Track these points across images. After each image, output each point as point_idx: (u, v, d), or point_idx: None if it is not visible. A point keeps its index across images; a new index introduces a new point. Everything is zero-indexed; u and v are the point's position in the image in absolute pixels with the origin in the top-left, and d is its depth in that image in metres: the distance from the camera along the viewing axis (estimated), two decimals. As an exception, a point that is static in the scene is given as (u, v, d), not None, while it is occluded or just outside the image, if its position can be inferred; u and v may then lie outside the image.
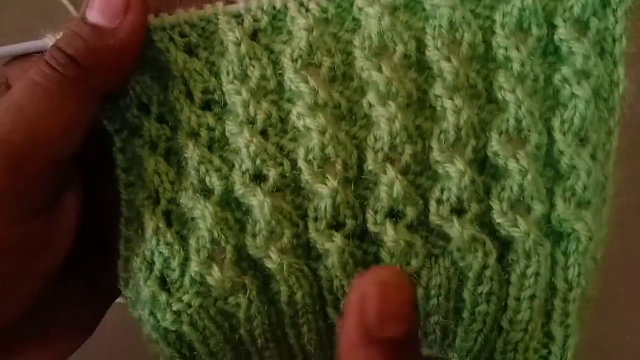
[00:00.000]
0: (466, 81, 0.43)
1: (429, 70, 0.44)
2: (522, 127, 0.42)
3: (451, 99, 0.42)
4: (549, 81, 0.44)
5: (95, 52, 0.42)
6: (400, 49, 0.44)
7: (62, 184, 0.46)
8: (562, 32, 0.43)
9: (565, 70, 0.43)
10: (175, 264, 0.44)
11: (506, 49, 0.43)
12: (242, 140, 0.44)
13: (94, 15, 0.42)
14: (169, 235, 0.44)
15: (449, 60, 0.43)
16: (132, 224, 0.46)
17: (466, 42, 0.43)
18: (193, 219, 0.45)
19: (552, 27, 0.44)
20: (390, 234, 0.42)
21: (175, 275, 0.44)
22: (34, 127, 0.42)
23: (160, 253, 0.44)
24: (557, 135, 0.42)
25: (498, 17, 0.44)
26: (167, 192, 0.45)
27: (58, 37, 0.44)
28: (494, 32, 0.44)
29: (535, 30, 0.43)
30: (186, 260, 0.44)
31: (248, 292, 0.43)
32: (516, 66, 0.43)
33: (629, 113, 0.44)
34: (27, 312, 0.45)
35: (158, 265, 0.44)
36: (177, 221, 0.45)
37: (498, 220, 0.42)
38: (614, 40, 0.43)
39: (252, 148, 0.44)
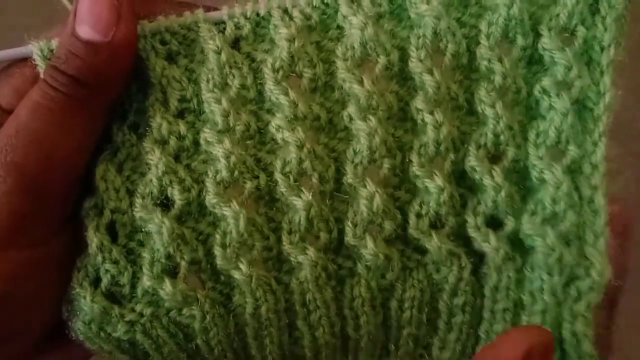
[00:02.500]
0: (447, 94, 0.43)
1: (411, 81, 0.44)
2: (500, 142, 0.42)
3: (431, 113, 0.42)
4: (531, 92, 0.43)
5: (95, 68, 0.42)
6: (382, 60, 0.43)
7: (77, 200, 0.45)
8: (546, 41, 0.42)
9: (545, 81, 0.42)
10: (124, 280, 0.44)
11: (489, 61, 0.42)
12: (221, 149, 0.43)
13: (86, 31, 0.42)
14: (114, 251, 0.44)
15: (431, 73, 0.42)
16: None
17: (449, 53, 0.43)
18: (145, 231, 0.44)
19: (537, 36, 0.43)
20: (369, 247, 0.42)
21: (126, 290, 0.44)
22: (47, 150, 0.42)
23: (107, 270, 0.44)
24: (530, 148, 0.42)
25: (483, 26, 0.43)
26: (110, 200, 0.44)
27: (42, 43, 0.44)
28: (478, 42, 0.43)
29: (520, 40, 0.43)
30: (135, 274, 0.44)
31: (200, 304, 0.43)
32: (498, 78, 0.42)
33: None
34: (52, 327, 0.46)
35: (105, 282, 0.44)
36: (122, 232, 0.45)
37: (471, 234, 0.42)
38: (602, 49, 0.42)
39: (232, 159, 0.43)
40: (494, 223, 0.42)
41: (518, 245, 0.42)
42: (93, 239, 0.44)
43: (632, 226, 0.41)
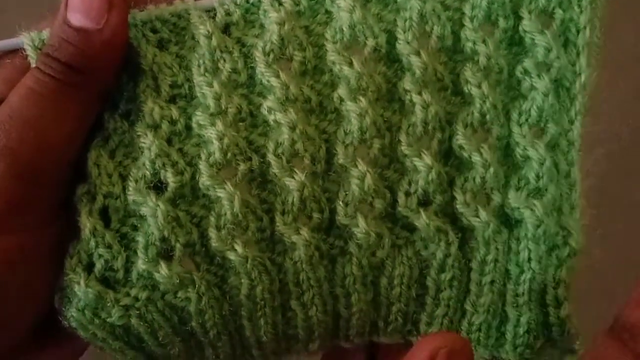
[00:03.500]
0: (434, 75, 0.44)
1: (398, 63, 0.45)
2: (486, 120, 0.44)
3: (419, 93, 0.43)
4: (512, 72, 0.45)
5: (87, 55, 0.42)
6: (370, 42, 0.45)
7: (69, 187, 0.46)
8: (526, 23, 0.44)
9: (527, 63, 0.44)
10: (118, 265, 0.44)
11: (474, 43, 0.44)
12: (214, 132, 0.44)
13: (78, 18, 0.42)
14: (107, 236, 0.44)
15: (418, 54, 0.44)
16: None
17: (435, 35, 0.44)
18: (139, 214, 0.44)
19: (518, 18, 0.44)
20: (361, 226, 0.44)
21: (120, 274, 0.44)
22: (41, 135, 0.42)
23: (100, 255, 0.44)
24: (514, 127, 0.44)
25: (467, 9, 0.44)
26: (103, 185, 0.45)
27: (33, 34, 0.45)
28: (462, 25, 0.45)
29: (502, 22, 0.44)
30: (129, 259, 0.44)
31: (197, 286, 0.44)
32: (482, 59, 0.44)
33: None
34: (44, 319, 0.46)
35: (99, 267, 0.44)
36: (115, 217, 0.45)
37: (460, 210, 0.44)
38: (578, 31, 0.44)
39: (225, 141, 0.44)
40: (479, 201, 0.44)
41: (502, 219, 0.44)
42: (86, 224, 0.44)
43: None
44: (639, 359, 0.41)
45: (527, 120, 0.44)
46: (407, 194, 0.44)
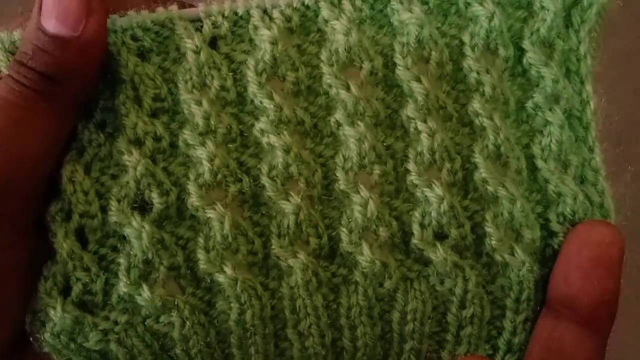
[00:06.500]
0: (436, 102, 0.43)
1: (397, 88, 0.44)
2: (501, 153, 0.43)
3: (424, 121, 0.42)
4: (519, 104, 0.44)
5: (64, 64, 0.40)
6: (366, 65, 0.43)
7: (43, 202, 0.43)
8: (531, 55, 0.43)
9: (537, 97, 0.43)
10: (96, 288, 0.42)
11: (478, 73, 0.43)
12: (204, 152, 0.42)
13: (54, 24, 0.40)
14: (85, 258, 0.42)
15: (419, 80, 0.42)
16: None
17: (433, 61, 0.43)
18: (120, 234, 0.42)
19: (519, 50, 0.44)
20: (366, 254, 0.42)
21: (98, 298, 0.42)
22: (15, 149, 0.40)
23: (78, 279, 0.42)
24: (539, 163, 0.43)
25: (466, 38, 0.44)
26: (79, 204, 0.43)
27: (2, 35, 0.42)
28: (462, 53, 0.44)
29: (502, 51, 0.43)
30: (108, 281, 0.42)
31: (180, 310, 0.42)
32: (488, 90, 0.43)
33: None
34: (12, 343, 0.44)
35: (76, 291, 0.42)
36: (92, 237, 0.43)
37: (495, 247, 0.42)
38: (579, 60, 0.44)
39: (216, 162, 0.42)
40: (510, 237, 0.42)
41: (534, 257, 0.43)
42: (62, 245, 0.42)
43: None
44: (580, 323, 0.41)
45: (549, 155, 0.43)
46: (422, 227, 0.42)
